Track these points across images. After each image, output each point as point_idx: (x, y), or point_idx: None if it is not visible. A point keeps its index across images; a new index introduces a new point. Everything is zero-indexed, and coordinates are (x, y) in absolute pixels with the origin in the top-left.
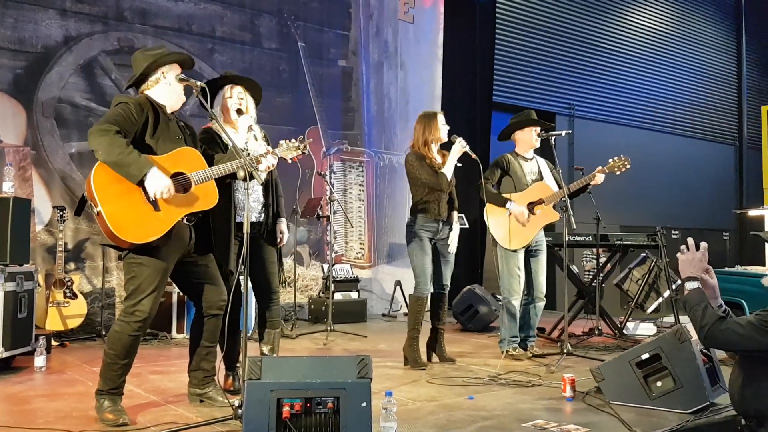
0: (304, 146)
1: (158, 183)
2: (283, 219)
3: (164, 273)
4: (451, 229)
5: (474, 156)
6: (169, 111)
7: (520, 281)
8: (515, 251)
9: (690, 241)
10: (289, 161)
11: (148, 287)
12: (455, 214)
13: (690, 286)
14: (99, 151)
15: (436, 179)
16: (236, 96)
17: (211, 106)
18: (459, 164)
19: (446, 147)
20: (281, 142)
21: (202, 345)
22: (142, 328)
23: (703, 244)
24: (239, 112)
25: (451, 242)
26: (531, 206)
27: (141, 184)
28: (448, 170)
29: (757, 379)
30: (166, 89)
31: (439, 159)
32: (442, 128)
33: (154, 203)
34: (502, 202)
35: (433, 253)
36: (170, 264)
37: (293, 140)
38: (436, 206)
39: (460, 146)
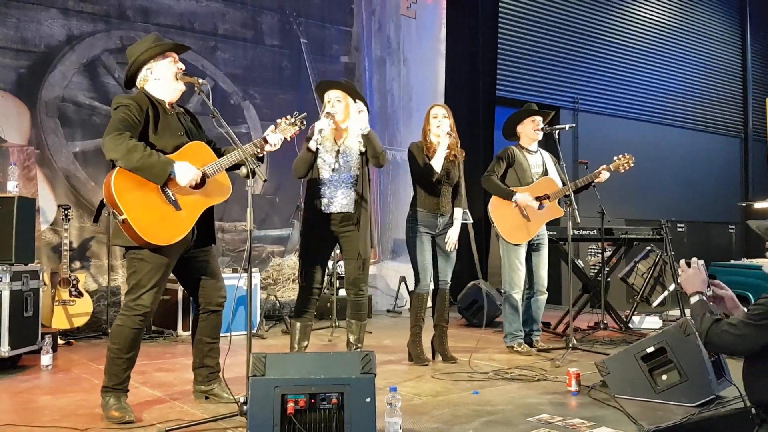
0: (300, 121)
1: (188, 173)
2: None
3: (166, 269)
4: (451, 224)
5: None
6: (168, 104)
7: (521, 275)
8: (517, 245)
9: (682, 262)
10: (288, 139)
11: (148, 282)
12: (458, 209)
13: (693, 300)
14: (119, 160)
15: (424, 169)
16: (334, 100)
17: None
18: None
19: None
20: (279, 120)
21: (204, 342)
22: (144, 321)
23: (694, 260)
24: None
25: (449, 239)
26: (537, 200)
27: (163, 184)
28: (436, 162)
29: (764, 366)
30: (156, 85)
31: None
32: (433, 121)
33: (175, 203)
34: (507, 195)
35: (432, 248)
36: (172, 260)
37: (289, 117)
38: (436, 200)
39: (446, 136)
